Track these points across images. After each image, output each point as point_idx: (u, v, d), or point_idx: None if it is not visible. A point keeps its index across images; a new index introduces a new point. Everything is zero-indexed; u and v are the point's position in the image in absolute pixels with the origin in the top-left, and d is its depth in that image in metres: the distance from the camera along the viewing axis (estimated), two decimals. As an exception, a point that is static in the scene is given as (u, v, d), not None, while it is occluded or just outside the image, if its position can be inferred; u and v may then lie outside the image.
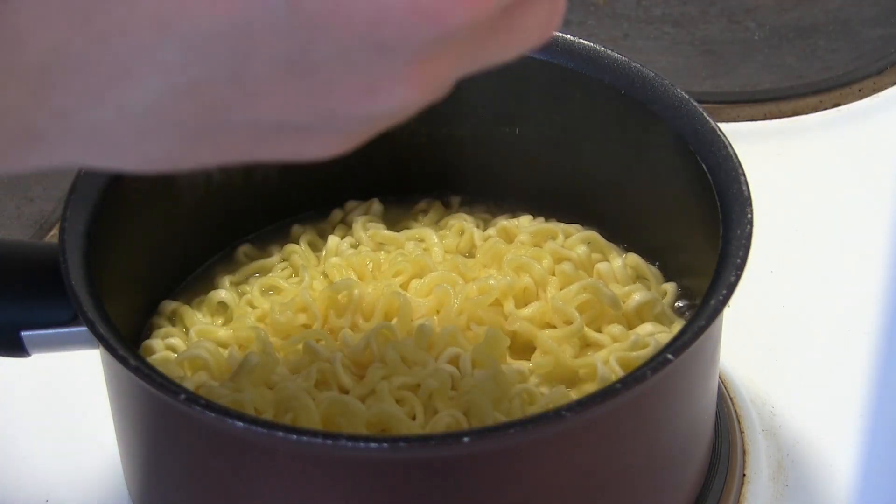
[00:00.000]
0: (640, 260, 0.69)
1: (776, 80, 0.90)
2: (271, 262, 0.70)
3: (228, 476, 0.56)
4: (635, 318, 0.65)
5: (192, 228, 0.69)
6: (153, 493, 0.61)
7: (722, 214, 0.59)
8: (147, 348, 0.66)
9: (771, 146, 0.86)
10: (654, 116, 0.64)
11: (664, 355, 0.53)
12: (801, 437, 0.69)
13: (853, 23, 0.95)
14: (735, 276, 0.56)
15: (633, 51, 0.93)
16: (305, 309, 0.65)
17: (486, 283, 0.65)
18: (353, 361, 0.63)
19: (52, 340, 0.59)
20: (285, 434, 0.51)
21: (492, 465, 0.53)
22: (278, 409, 0.60)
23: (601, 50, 0.66)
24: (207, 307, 0.68)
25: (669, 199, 0.66)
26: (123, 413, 0.60)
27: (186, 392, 0.52)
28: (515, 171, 0.72)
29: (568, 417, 0.51)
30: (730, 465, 0.66)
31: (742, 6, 0.97)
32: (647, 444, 0.57)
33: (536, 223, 0.71)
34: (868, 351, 0.73)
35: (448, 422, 0.60)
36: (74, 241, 0.58)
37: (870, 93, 0.90)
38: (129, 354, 0.54)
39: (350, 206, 0.73)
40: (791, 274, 0.77)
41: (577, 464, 0.55)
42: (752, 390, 0.71)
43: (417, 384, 0.61)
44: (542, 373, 0.63)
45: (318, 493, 0.54)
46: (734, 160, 0.60)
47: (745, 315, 0.71)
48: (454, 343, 0.63)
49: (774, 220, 0.79)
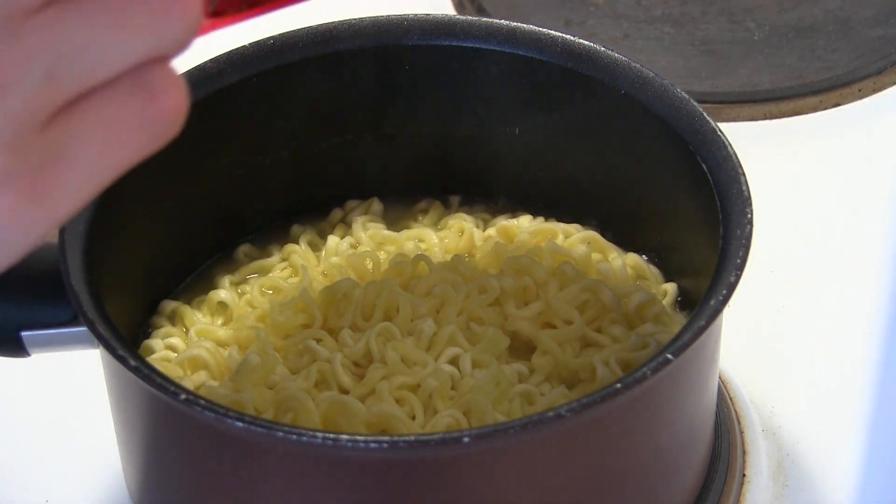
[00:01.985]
0: (640, 260, 0.69)
1: (776, 80, 0.90)
2: (271, 262, 0.70)
3: (228, 476, 0.56)
4: (635, 319, 0.65)
5: (192, 228, 0.69)
6: (153, 493, 0.61)
7: (722, 214, 0.59)
8: (147, 348, 0.66)
9: (771, 146, 0.86)
10: (654, 116, 0.64)
11: (664, 355, 0.53)
12: (801, 437, 0.69)
13: (853, 23, 0.95)
14: (735, 276, 0.56)
15: (633, 51, 0.93)
16: (305, 309, 0.65)
17: (486, 283, 0.65)
18: (353, 361, 0.63)
19: (52, 340, 0.59)
20: (285, 434, 0.51)
21: (492, 465, 0.53)
22: (278, 409, 0.60)
23: (601, 50, 0.66)
24: (207, 307, 0.68)
25: (669, 199, 0.66)
26: (123, 413, 0.60)
27: (186, 392, 0.52)
28: (515, 171, 0.72)
29: (568, 417, 0.51)
30: (730, 465, 0.66)
31: (742, 6, 0.97)
32: (647, 443, 0.57)
33: (536, 223, 0.71)
34: (868, 351, 0.73)
35: (448, 422, 0.60)
36: (74, 241, 0.58)
37: (870, 93, 0.90)
38: (129, 354, 0.54)
39: (350, 206, 0.73)
40: (791, 274, 0.77)
41: (577, 464, 0.55)
42: (752, 390, 0.71)
43: (417, 384, 0.61)
44: (543, 373, 0.63)
45: (318, 493, 0.54)
46: (734, 160, 0.60)
47: (745, 315, 0.71)
48: (454, 343, 0.63)
49: (774, 220, 0.79)
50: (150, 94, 0.38)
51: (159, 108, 0.38)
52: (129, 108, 0.38)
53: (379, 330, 0.63)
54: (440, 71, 0.69)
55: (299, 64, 0.68)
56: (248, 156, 0.70)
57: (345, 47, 0.68)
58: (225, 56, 0.67)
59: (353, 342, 0.63)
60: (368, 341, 0.63)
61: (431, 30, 0.68)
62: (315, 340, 0.63)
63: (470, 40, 0.68)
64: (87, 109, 0.37)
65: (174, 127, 0.38)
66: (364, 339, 0.63)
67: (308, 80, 0.68)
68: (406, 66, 0.69)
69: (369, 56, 0.68)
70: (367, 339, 0.63)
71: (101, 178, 0.38)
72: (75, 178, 0.37)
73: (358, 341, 0.63)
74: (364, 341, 0.63)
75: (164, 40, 0.37)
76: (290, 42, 0.68)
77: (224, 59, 0.67)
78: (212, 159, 0.68)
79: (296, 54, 0.68)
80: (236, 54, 0.67)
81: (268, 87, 0.67)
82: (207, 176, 0.68)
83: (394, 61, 0.69)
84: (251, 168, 0.70)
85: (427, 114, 0.71)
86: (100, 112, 0.37)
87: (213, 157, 0.68)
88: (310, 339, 0.63)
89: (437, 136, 0.72)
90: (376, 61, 0.69)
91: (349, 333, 0.64)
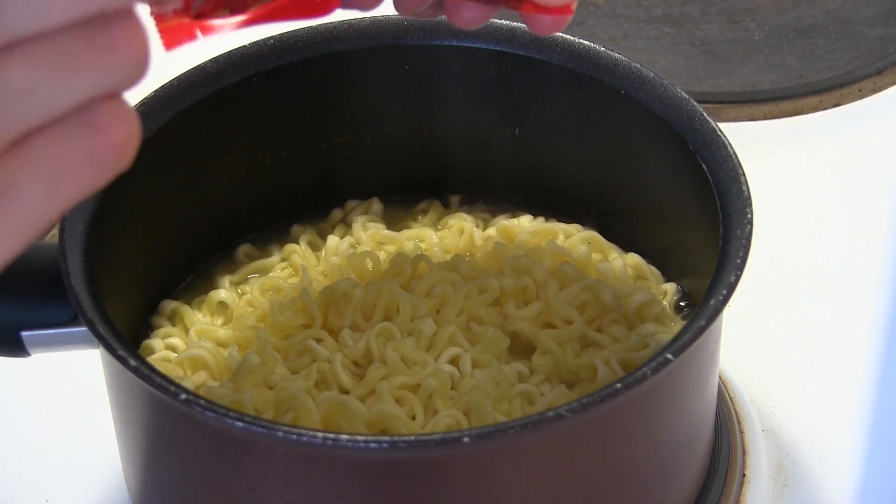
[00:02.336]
0: (640, 260, 0.69)
1: (776, 80, 0.90)
2: (271, 262, 0.70)
3: (228, 476, 0.56)
4: (636, 319, 0.65)
5: (192, 228, 0.69)
6: (153, 493, 0.61)
7: (722, 214, 0.59)
8: (147, 348, 0.66)
9: (771, 146, 0.86)
10: (654, 116, 0.64)
11: (664, 355, 0.53)
12: (801, 437, 0.69)
13: (853, 23, 0.95)
14: (735, 276, 0.56)
15: (633, 51, 0.93)
16: (305, 309, 0.65)
17: (486, 283, 0.65)
18: (353, 361, 0.63)
19: (52, 340, 0.59)
20: (285, 434, 0.51)
21: (492, 465, 0.53)
22: (278, 409, 0.60)
23: (601, 50, 0.66)
24: (207, 307, 0.68)
25: (669, 199, 0.66)
26: (123, 413, 0.60)
27: (186, 392, 0.52)
28: (515, 171, 0.72)
29: (568, 417, 0.51)
30: (730, 465, 0.66)
31: (742, 6, 0.97)
32: (647, 444, 0.57)
33: (536, 223, 0.71)
34: (868, 351, 0.73)
35: (448, 422, 0.60)
36: (74, 241, 0.58)
37: (870, 93, 0.90)
38: (129, 354, 0.54)
39: (350, 206, 0.73)
40: (791, 274, 0.77)
41: (577, 464, 0.55)
42: (752, 390, 0.71)
43: (417, 384, 0.61)
44: (543, 373, 0.63)
45: (318, 493, 0.54)
46: (734, 160, 0.60)
47: (745, 315, 0.71)
48: (454, 343, 0.63)
49: (774, 220, 0.79)
50: (97, 129, 0.38)
51: (106, 143, 0.38)
52: (76, 144, 0.38)
53: (379, 330, 0.63)
54: (440, 71, 0.69)
55: (299, 64, 0.68)
56: (248, 156, 0.70)
57: (345, 47, 0.68)
58: (225, 56, 0.67)
59: (353, 342, 0.63)
60: (368, 341, 0.63)
61: (431, 30, 0.68)
62: (315, 340, 0.63)
63: (470, 40, 0.68)
64: (33, 147, 0.37)
65: (123, 161, 0.38)
66: (364, 339, 0.63)
67: (308, 81, 0.68)
68: (406, 66, 0.69)
69: (369, 56, 0.68)
70: (367, 339, 0.63)
71: (49, 214, 0.38)
72: (21, 213, 0.37)
73: (358, 341, 0.63)
74: (364, 341, 0.63)
75: (112, 79, 0.37)
76: (290, 42, 0.68)
77: (224, 59, 0.67)
78: (212, 159, 0.68)
79: (296, 54, 0.68)
80: (236, 54, 0.67)
81: (268, 87, 0.67)
82: (207, 176, 0.68)
83: (394, 61, 0.69)
84: (251, 168, 0.70)
85: (427, 114, 0.71)
86: (46, 149, 0.37)
87: (213, 157, 0.68)
88: (310, 339, 0.63)
89: (437, 136, 0.72)
90: (376, 61, 0.69)
91: (349, 333, 0.64)
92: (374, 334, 0.63)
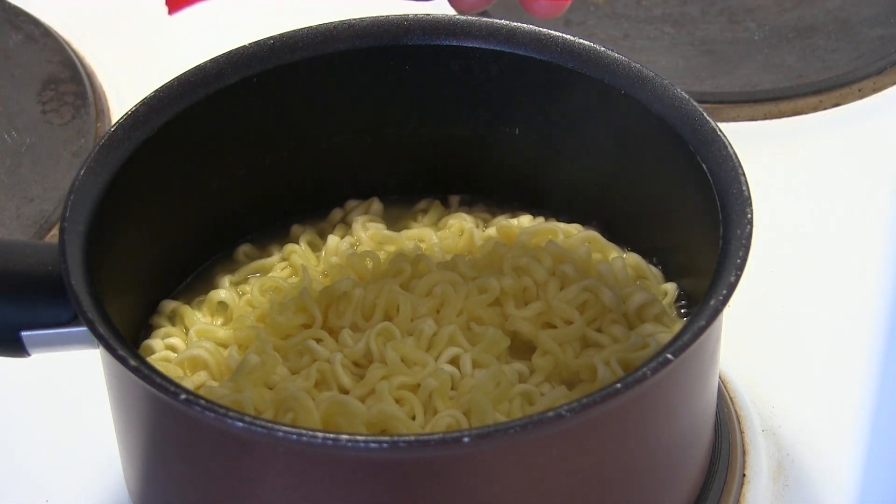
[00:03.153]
0: (640, 260, 0.69)
1: (776, 80, 0.90)
2: (271, 261, 0.70)
3: (228, 476, 0.56)
4: (635, 319, 0.65)
5: (192, 228, 0.69)
6: (153, 493, 0.61)
7: (722, 214, 0.59)
8: (147, 348, 0.66)
9: (771, 146, 0.86)
10: (653, 116, 0.64)
11: (664, 355, 0.53)
12: (801, 437, 0.69)
13: (853, 23, 0.95)
14: (735, 276, 0.56)
15: (633, 51, 0.93)
16: (305, 309, 0.65)
17: (486, 283, 0.65)
18: (353, 361, 0.63)
19: (52, 340, 0.59)
20: (285, 434, 0.51)
21: (492, 465, 0.53)
22: (278, 409, 0.60)
23: (601, 50, 0.66)
24: (207, 307, 0.68)
25: (669, 199, 0.66)
26: (123, 413, 0.60)
27: (186, 392, 0.52)
28: (515, 171, 0.72)
29: (568, 417, 0.51)
30: (730, 465, 0.66)
31: (742, 6, 0.97)
32: (647, 443, 0.57)
33: (536, 223, 0.71)
34: (868, 351, 0.73)
35: (448, 422, 0.60)
36: (74, 241, 0.58)
37: (870, 93, 0.90)
38: (129, 354, 0.54)
39: (350, 206, 0.73)
40: (791, 274, 0.77)
41: (577, 464, 0.55)
42: (752, 390, 0.71)
43: (417, 384, 0.61)
44: (543, 373, 0.63)
45: (318, 493, 0.54)
46: (734, 160, 0.60)
47: (745, 315, 0.71)
48: (454, 343, 0.63)
49: (774, 220, 0.79)
50: None
51: None
52: None
53: (379, 330, 0.63)
54: (440, 71, 0.69)
55: (299, 64, 0.68)
56: (248, 156, 0.70)
57: (345, 47, 0.68)
58: (225, 56, 0.67)
59: (353, 342, 0.63)
60: (368, 341, 0.63)
61: (431, 30, 0.68)
62: (315, 340, 0.63)
63: (470, 40, 0.68)
64: None
65: None
66: (364, 339, 0.63)
67: (308, 81, 0.68)
68: (406, 66, 0.69)
69: (369, 56, 0.68)
70: (367, 339, 0.63)
71: None
72: None
73: (358, 341, 0.63)
74: (364, 341, 0.63)
75: None
76: (290, 42, 0.68)
77: (224, 59, 0.67)
78: (212, 159, 0.68)
79: (296, 54, 0.68)
80: (236, 54, 0.67)
81: (268, 87, 0.67)
82: (207, 176, 0.68)
83: (394, 61, 0.69)
84: (251, 168, 0.70)
85: (427, 114, 0.71)
86: None
87: (213, 157, 0.68)
88: (310, 339, 0.63)
89: (437, 136, 0.72)
90: (376, 61, 0.69)
91: (349, 333, 0.64)
92: (374, 334, 0.63)
